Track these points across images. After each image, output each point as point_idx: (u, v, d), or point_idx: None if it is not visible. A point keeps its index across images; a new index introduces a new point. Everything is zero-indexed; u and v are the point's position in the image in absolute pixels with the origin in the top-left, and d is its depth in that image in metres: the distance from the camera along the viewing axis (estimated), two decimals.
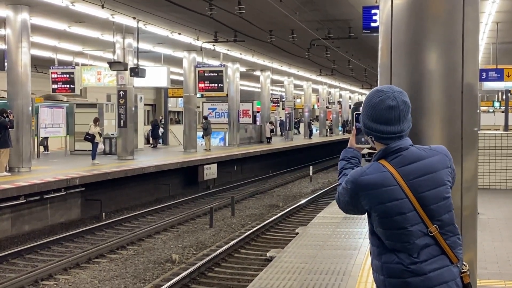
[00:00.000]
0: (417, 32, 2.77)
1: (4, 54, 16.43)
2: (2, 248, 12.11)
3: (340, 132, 51.63)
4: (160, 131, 29.77)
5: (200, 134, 26.61)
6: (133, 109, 20.95)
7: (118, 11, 16.70)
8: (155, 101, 46.34)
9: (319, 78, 39.49)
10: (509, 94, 29.60)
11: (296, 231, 12.90)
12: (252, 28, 18.51)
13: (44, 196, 13.83)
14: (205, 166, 21.02)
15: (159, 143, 29.23)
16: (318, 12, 17.71)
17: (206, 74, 24.03)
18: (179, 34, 20.65)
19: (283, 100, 43.64)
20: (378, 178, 2.43)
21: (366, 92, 53.26)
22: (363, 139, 2.67)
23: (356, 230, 9.59)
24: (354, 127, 2.74)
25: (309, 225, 10.52)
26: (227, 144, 30.49)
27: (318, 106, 48.24)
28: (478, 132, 3.17)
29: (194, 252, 11.98)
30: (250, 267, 10.82)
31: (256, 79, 38.19)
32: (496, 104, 43.71)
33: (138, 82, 21.44)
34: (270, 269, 7.23)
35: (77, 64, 23.98)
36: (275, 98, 46.96)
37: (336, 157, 34.28)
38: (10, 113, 15.22)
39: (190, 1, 14.60)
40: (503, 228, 9.08)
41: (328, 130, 48.30)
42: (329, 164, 34.05)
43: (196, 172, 20.71)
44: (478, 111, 4.00)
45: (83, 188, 15.12)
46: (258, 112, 36.57)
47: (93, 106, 24.13)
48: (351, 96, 58.67)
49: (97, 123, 19.07)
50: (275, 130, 39.81)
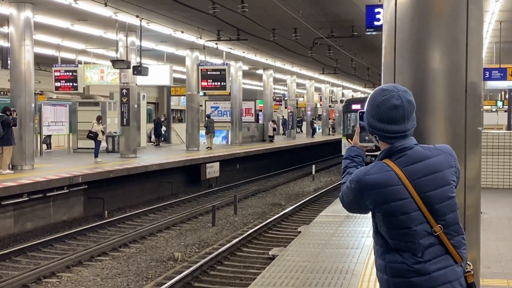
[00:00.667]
0: (421, 31, 2.77)
1: (8, 52, 16.45)
2: (5, 245, 12.13)
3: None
4: (163, 130, 29.76)
5: (202, 132, 26.62)
6: (135, 106, 20.95)
7: (121, 9, 16.70)
8: (158, 99, 46.33)
9: (322, 77, 39.48)
10: None
11: (299, 229, 12.93)
12: (255, 27, 18.51)
13: (47, 194, 13.85)
14: (207, 165, 21.04)
15: (162, 141, 29.23)
16: (321, 10, 17.69)
17: (209, 73, 24.04)
18: (182, 32, 20.65)
19: (286, 98, 43.62)
20: (383, 178, 2.42)
21: (362, 89, 53.12)
22: (367, 138, 2.66)
23: (359, 229, 9.59)
24: (358, 126, 2.74)
25: (311, 223, 10.53)
26: (229, 143, 30.51)
27: (320, 105, 48.21)
28: (482, 131, 3.17)
29: (197, 250, 11.99)
30: (252, 265, 10.83)
31: (259, 78, 38.19)
32: (499, 103, 43.59)
33: (141, 80, 21.44)
34: (272, 267, 7.23)
35: (80, 62, 24.02)
36: (278, 97, 46.98)
37: (338, 156, 34.35)
38: (14, 111, 15.24)
39: None
40: (506, 228, 9.08)
41: (331, 129, 48.26)
42: (331, 163, 34.04)
43: (198, 171, 20.73)
44: (481, 110, 4.00)
45: (86, 186, 15.15)
46: (261, 110, 36.57)
47: (96, 104, 24.15)
48: (353, 95, 58.56)
49: (100, 121, 19.08)
50: (277, 128, 39.81)
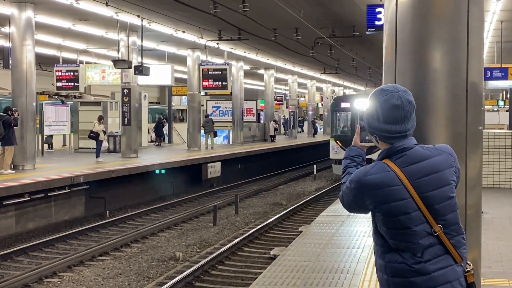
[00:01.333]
0: (421, 31, 2.77)
1: (9, 52, 16.46)
2: (7, 245, 12.15)
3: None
4: (164, 129, 29.74)
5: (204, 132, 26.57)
6: (137, 105, 20.95)
7: (123, 9, 16.71)
8: (159, 99, 46.36)
9: (323, 77, 39.49)
10: None
11: (300, 229, 12.92)
12: (256, 27, 18.50)
13: (49, 194, 13.85)
14: (209, 164, 21.04)
15: (163, 141, 29.23)
16: (322, 10, 17.69)
17: (210, 72, 24.03)
18: (183, 32, 20.66)
19: (287, 98, 43.58)
20: (383, 178, 2.42)
21: (353, 86, 52.73)
22: (367, 138, 2.66)
23: (360, 229, 9.59)
24: (358, 126, 2.74)
25: (312, 223, 10.52)
26: (231, 143, 30.50)
27: (322, 104, 48.20)
28: (483, 131, 3.16)
29: (198, 250, 11.99)
30: (253, 265, 10.82)
31: (260, 78, 38.19)
32: (501, 103, 43.58)
33: (142, 80, 21.45)
34: (274, 267, 7.23)
35: (81, 62, 24.04)
36: (279, 97, 46.94)
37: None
38: (15, 111, 15.25)
39: None
40: (507, 227, 9.07)
41: None
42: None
43: (200, 170, 20.73)
44: (482, 109, 3.99)
45: (87, 186, 15.15)
46: (262, 110, 36.59)
47: (97, 104, 24.17)
48: (345, 92, 58.12)
49: (101, 121, 19.08)
50: (279, 128, 39.80)
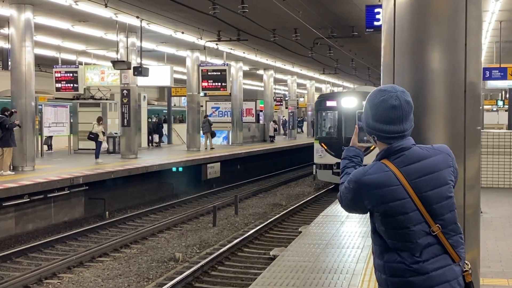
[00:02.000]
0: (420, 31, 2.77)
1: (8, 53, 16.45)
2: (6, 246, 12.14)
3: None
4: (164, 130, 29.73)
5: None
6: (136, 107, 20.94)
7: (122, 10, 16.70)
8: (158, 100, 46.35)
9: (322, 77, 39.47)
10: None
11: (299, 229, 12.93)
12: (256, 27, 18.49)
13: (48, 195, 13.84)
14: (208, 165, 21.03)
15: (163, 142, 29.22)
16: (321, 11, 17.68)
17: (209, 73, 24.02)
18: (183, 33, 20.65)
19: (286, 99, 43.60)
20: (381, 178, 2.42)
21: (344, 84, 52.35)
22: (365, 138, 2.66)
23: (359, 229, 9.58)
24: (356, 126, 2.74)
25: (312, 224, 10.51)
26: (230, 143, 30.49)
27: None
28: (482, 131, 3.17)
29: (198, 251, 11.99)
30: (253, 265, 10.83)
31: (259, 78, 38.19)
32: (500, 102, 43.59)
33: (141, 81, 21.44)
34: (273, 267, 7.23)
35: (80, 63, 24.03)
36: (278, 97, 46.94)
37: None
38: (14, 112, 15.25)
39: (193, 0, 14.60)
40: (507, 227, 9.07)
41: None
42: None
43: (199, 171, 20.72)
44: (481, 109, 3.99)
45: (87, 187, 15.14)
46: (261, 111, 36.53)
47: (96, 105, 24.17)
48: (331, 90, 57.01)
49: (100, 122, 19.07)
50: (278, 129, 39.78)
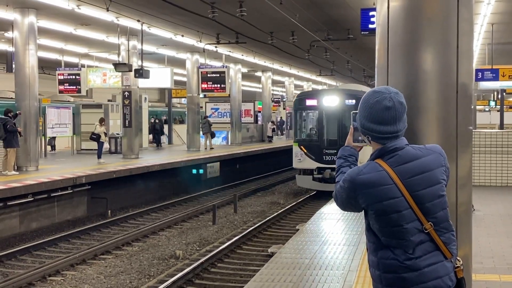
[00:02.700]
0: (413, 33, 2.77)
1: (12, 56, 16.46)
2: (11, 245, 12.13)
3: None
4: (165, 131, 29.71)
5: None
6: (137, 108, 20.93)
7: (123, 14, 16.69)
8: (159, 101, 46.33)
9: (319, 79, 39.45)
10: (504, 94, 29.55)
11: (297, 227, 12.91)
12: (254, 30, 18.49)
13: (52, 194, 13.84)
14: (208, 165, 21.04)
15: (164, 142, 29.20)
16: (317, 14, 17.68)
17: (208, 75, 24.00)
18: (182, 36, 20.64)
19: (284, 100, 43.57)
20: (375, 177, 2.43)
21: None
22: (360, 138, 2.67)
23: (355, 227, 9.58)
24: (351, 126, 2.75)
25: (309, 221, 10.51)
26: (229, 143, 30.48)
27: None
28: (474, 130, 3.18)
29: (198, 248, 11.98)
30: (251, 262, 10.83)
31: (258, 80, 38.16)
32: (492, 103, 43.57)
33: (142, 83, 21.42)
34: (271, 264, 7.22)
35: (83, 66, 24.00)
36: (276, 98, 46.88)
37: None
38: (19, 113, 15.27)
39: (192, 4, 14.59)
40: (499, 224, 9.07)
41: None
42: None
43: (199, 170, 20.72)
44: (473, 109, 4.00)
45: (89, 187, 15.13)
46: (260, 112, 36.50)
47: (98, 106, 24.16)
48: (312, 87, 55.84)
49: (102, 123, 19.08)
50: (276, 129, 39.76)
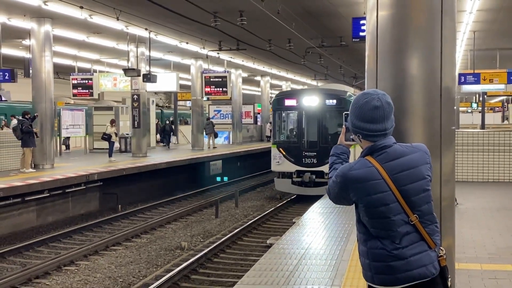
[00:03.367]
0: (400, 41, 2.78)
1: (30, 62, 16.49)
2: (28, 237, 12.14)
3: None
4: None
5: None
6: (145, 110, 20.92)
7: (132, 23, 16.69)
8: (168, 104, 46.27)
9: (314, 83, 39.44)
10: (485, 96, 29.55)
11: (293, 220, 12.91)
12: (253, 38, 18.49)
13: (66, 190, 13.85)
14: (211, 163, 21.05)
15: (175, 143, 29.22)
16: (312, 23, 17.67)
17: (211, 80, 23.97)
18: (187, 43, 20.64)
19: None
20: (365, 173, 2.44)
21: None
22: (351, 137, 2.68)
23: (346, 220, 9.58)
24: (344, 126, 2.76)
25: (305, 215, 10.51)
26: (231, 143, 30.48)
27: None
28: (457, 130, 3.18)
29: (202, 240, 11.99)
30: (251, 253, 10.83)
31: (257, 84, 38.13)
32: (474, 105, 43.58)
33: (150, 87, 21.44)
34: (269, 254, 7.22)
35: (95, 71, 23.99)
36: None
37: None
38: (36, 116, 15.26)
39: (196, 13, 14.59)
40: (480, 217, 9.08)
41: None
42: None
43: (203, 168, 20.74)
44: (456, 110, 4.01)
45: (101, 183, 15.14)
46: (259, 113, 36.53)
47: (109, 108, 24.15)
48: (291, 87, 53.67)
49: (113, 124, 19.08)
50: None
